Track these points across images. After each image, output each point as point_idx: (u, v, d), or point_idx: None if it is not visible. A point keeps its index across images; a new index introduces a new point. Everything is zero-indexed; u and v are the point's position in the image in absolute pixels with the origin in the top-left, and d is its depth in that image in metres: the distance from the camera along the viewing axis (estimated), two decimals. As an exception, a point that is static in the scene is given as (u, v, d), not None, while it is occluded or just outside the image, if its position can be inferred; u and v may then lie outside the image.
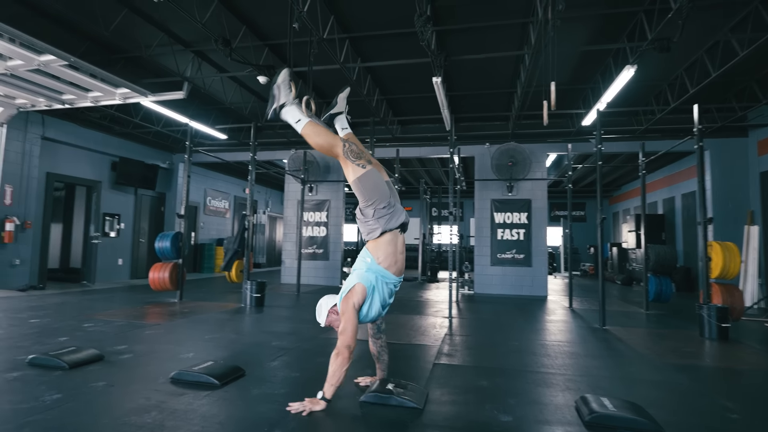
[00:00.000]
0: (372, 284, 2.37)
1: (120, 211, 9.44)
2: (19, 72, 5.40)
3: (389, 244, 2.39)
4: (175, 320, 4.88)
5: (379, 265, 2.38)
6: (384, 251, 2.38)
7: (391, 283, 2.43)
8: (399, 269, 2.45)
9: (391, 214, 2.39)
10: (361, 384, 2.75)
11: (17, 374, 2.74)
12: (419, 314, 5.75)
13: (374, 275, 2.38)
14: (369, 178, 2.38)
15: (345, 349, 2.29)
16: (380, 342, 2.73)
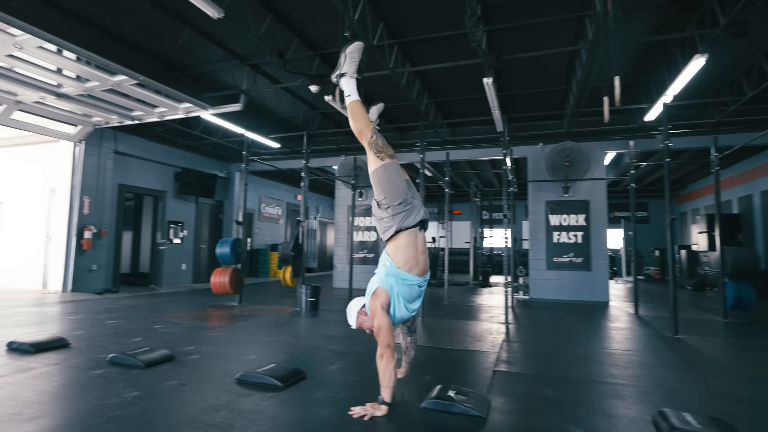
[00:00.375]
0: (392, 288, 2.35)
1: (183, 219, 9.99)
2: (95, 92, 5.87)
3: (408, 246, 2.33)
4: (236, 323, 5.08)
5: (399, 268, 2.34)
6: (403, 255, 2.33)
7: (414, 284, 2.39)
8: (421, 270, 2.40)
9: (408, 212, 2.32)
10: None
11: (100, 371, 2.95)
12: (473, 320, 5.63)
13: (394, 279, 2.35)
14: (388, 171, 2.34)
15: (386, 349, 2.28)
16: (410, 339, 2.77)
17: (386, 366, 2.27)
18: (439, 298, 7.93)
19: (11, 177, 8.50)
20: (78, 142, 7.63)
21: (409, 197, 2.36)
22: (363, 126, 2.47)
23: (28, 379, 2.77)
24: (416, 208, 2.37)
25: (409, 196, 2.37)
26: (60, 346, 3.59)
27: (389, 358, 2.26)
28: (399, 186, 2.34)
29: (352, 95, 2.52)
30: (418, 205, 2.40)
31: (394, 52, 5.71)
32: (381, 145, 2.40)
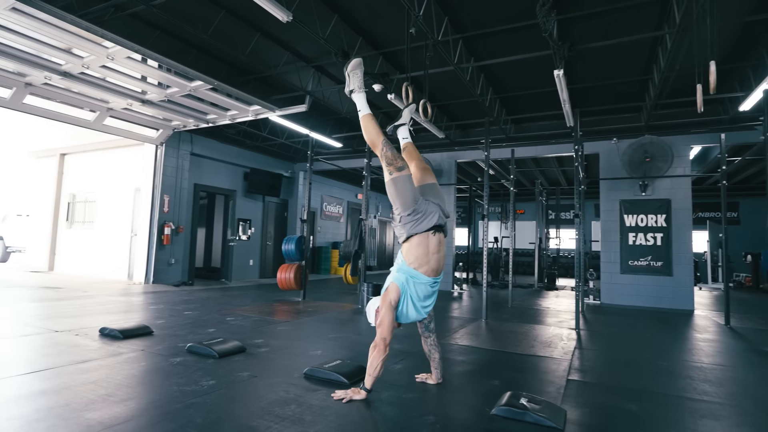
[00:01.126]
0: (403, 284, 2.50)
1: (251, 217, 10.47)
2: (175, 98, 6.28)
3: (419, 246, 2.48)
4: (301, 318, 5.21)
5: (410, 266, 2.50)
6: (414, 254, 2.48)
7: (425, 284, 2.51)
8: (432, 269, 2.51)
9: (418, 219, 2.47)
10: (418, 380, 2.88)
11: (179, 359, 3.13)
12: (540, 324, 5.37)
13: (404, 276, 2.51)
14: (395, 184, 2.46)
15: (381, 341, 2.44)
16: (430, 340, 2.82)
17: (377, 356, 2.43)
18: (502, 300, 7.67)
19: (103, 178, 9.36)
20: (159, 145, 8.23)
21: (419, 206, 2.49)
22: (374, 138, 2.55)
23: (117, 363, 3.00)
24: (429, 215, 2.49)
25: (419, 204, 2.49)
26: (144, 334, 3.87)
27: (381, 350, 2.43)
28: (407, 197, 2.47)
29: (363, 109, 2.62)
30: (432, 211, 2.51)
31: (459, 47, 5.58)
32: (390, 157, 2.48)
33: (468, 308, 6.76)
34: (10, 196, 15.78)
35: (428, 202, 2.54)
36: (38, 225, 10.50)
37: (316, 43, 5.79)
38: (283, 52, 6.18)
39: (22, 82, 5.69)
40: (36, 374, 2.70)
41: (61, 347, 3.38)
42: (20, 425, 1.98)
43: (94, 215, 9.43)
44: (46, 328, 4.03)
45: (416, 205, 2.48)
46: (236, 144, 9.84)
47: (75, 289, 6.90)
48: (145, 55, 4.83)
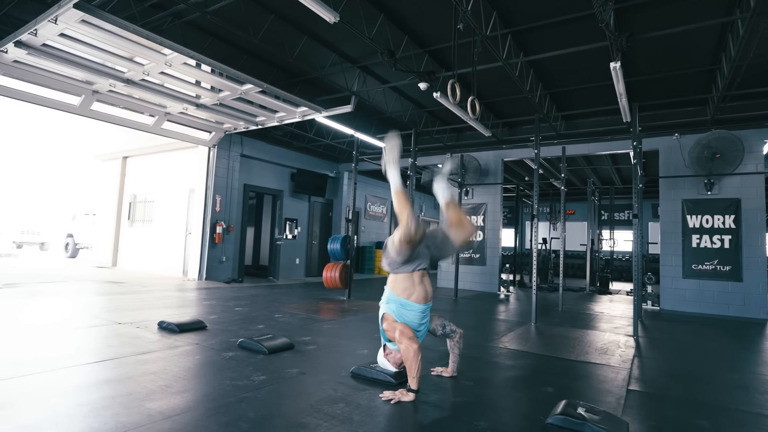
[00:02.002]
0: (394, 312, 2.61)
1: (297, 216, 10.70)
2: (227, 101, 6.50)
3: (405, 279, 2.63)
4: (347, 317, 5.24)
5: (398, 296, 2.62)
6: (401, 286, 2.62)
7: (416, 311, 2.62)
8: (421, 297, 2.63)
9: (407, 265, 2.60)
10: (434, 373, 2.97)
11: (231, 354, 3.23)
12: (594, 329, 5.11)
13: (395, 305, 2.62)
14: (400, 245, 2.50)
15: (410, 342, 2.49)
16: (454, 338, 2.93)
17: (412, 358, 2.46)
18: (552, 303, 7.39)
19: (160, 179, 9.88)
20: (212, 147, 8.57)
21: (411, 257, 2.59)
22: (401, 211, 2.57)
23: (174, 356, 3.13)
24: (415, 263, 2.61)
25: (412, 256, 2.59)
26: (199, 328, 4.02)
27: (415, 350, 2.47)
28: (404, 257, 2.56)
29: (395, 186, 2.69)
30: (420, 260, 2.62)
31: (508, 41, 5.42)
32: (411, 234, 2.48)
33: (516, 311, 6.55)
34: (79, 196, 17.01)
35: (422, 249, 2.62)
36: (103, 223, 11.25)
37: (362, 43, 5.82)
38: (329, 53, 6.26)
39: (89, 90, 6.10)
40: (102, 363, 2.86)
41: (124, 338, 3.58)
42: (89, 411, 2.09)
43: (152, 214, 9.98)
44: (111, 320, 4.29)
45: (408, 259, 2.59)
46: (283, 145, 10.09)
47: (135, 284, 7.31)
48: (200, 61, 5.03)
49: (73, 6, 3.91)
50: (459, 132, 9.94)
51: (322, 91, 7.63)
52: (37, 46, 4.88)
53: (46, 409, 2.10)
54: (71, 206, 16.34)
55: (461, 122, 8.92)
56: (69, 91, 6.08)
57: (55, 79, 5.77)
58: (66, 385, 2.45)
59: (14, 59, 5.21)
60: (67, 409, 2.12)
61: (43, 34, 4.55)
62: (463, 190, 9.13)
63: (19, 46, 4.79)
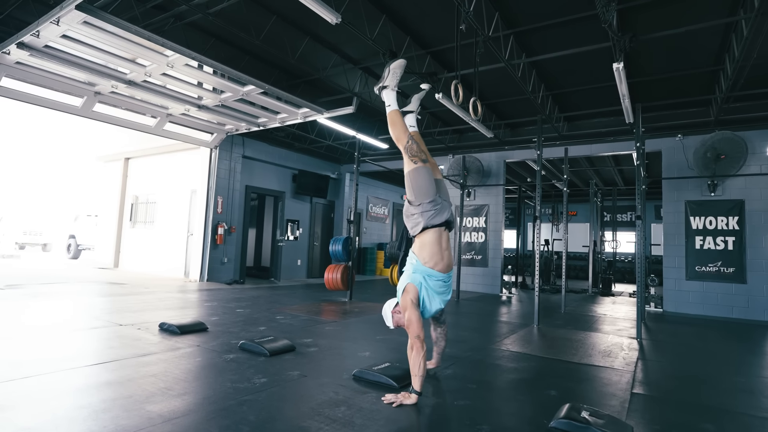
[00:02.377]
0: (421, 283, 2.55)
1: (299, 218, 10.69)
2: (228, 102, 6.50)
3: (433, 243, 2.56)
4: (348, 319, 5.23)
5: (425, 265, 2.57)
6: (429, 251, 2.56)
7: (440, 280, 2.59)
8: (445, 265, 2.61)
9: (437, 211, 2.57)
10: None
11: (232, 356, 3.21)
12: (597, 331, 5.08)
13: (421, 275, 2.57)
14: (419, 174, 2.58)
15: (416, 340, 2.44)
16: (440, 330, 2.94)
17: (416, 356, 2.42)
18: (554, 305, 7.36)
19: (162, 180, 9.88)
20: (214, 148, 8.57)
21: (438, 198, 2.62)
22: (400, 133, 2.69)
23: (175, 358, 3.11)
24: (444, 209, 2.62)
25: (438, 197, 2.62)
26: (200, 330, 4.01)
27: (419, 348, 2.42)
28: (429, 187, 2.58)
29: (392, 105, 2.76)
30: (446, 206, 2.65)
31: (510, 42, 5.41)
32: (415, 150, 2.64)
33: (518, 313, 6.53)
34: (81, 197, 17.03)
35: (442, 199, 2.67)
36: (105, 225, 11.26)
37: (364, 44, 5.81)
38: (331, 54, 6.25)
39: (92, 91, 6.10)
40: (102, 365, 2.85)
41: (125, 340, 3.57)
42: (88, 414, 2.08)
43: (154, 216, 9.98)
44: (112, 321, 4.28)
45: (436, 196, 2.60)
46: (285, 146, 10.09)
47: (137, 285, 7.31)
48: (202, 62, 5.03)
49: (75, 7, 3.91)
50: (461, 133, 9.92)
51: (323, 93, 7.63)
52: (39, 47, 4.88)
53: (46, 411, 2.09)
54: (73, 207, 16.35)
55: (463, 123, 8.90)
56: (71, 92, 6.09)
57: (57, 81, 5.77)
58: (66, 387, 2.44)
59: (17, 60, 5.22)
60: (67, 411, 2.11)
61: (45, 35, 4.56)
62: (465, 192, 9.10)
63: (22, 47, 4.80)
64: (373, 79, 7.08)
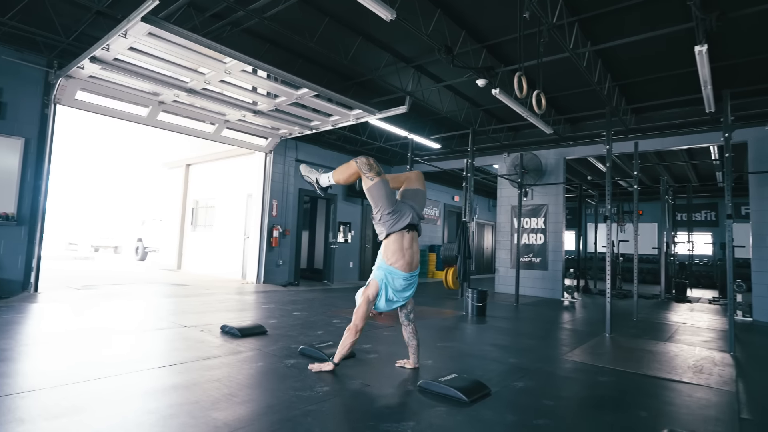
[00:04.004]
0: (382, 279, 2.89)
1: (350, 220, 10.70)
2: (282, 106, 6.56)
3: (394, 243, 2.87)
4: (405, 323, 5.07)
5: (387, 263, 2.88)
6: (391, 250, 2.87)
7: (401, 278, 2.88)
8: (407, 263, 2.88)
9: (395, 219, 2.86)
10: (398, 365, 3.18)
11: (293, 361, 3.15)
12: (678, 342, 4.61)
13: (383, 272, 2.90)
14: (376, 188, 2.86)
15: (353, 326, 2.87)
16: (409, 329, 3.09)
17: (348, 338, 2.87)
18: (624, 312, 6.83)
19: (220, 185, 10.23)
20: (268, 153, 8.74)
21: (397, 207, 2.89)
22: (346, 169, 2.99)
23: (238, 362, 3.10)
24: (404, 215, 2.88)
25: (397, 205, 2.89)
26: (259, 333, 4.01)
27: (352, 333, 2.87)
28: (387, 199, 2.86)
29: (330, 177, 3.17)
30: (406, 212, 2.90)
31: (574, 30, 5.05)
32: (367, 164, 2.87)
33: (584, 320, 6.10)
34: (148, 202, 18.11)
35: (404, 204, 2.94)
36: (169, 228, 11.83)
37: (417, 41, 5.67)
38: (384, 53, 6.15)
39: (156, 101, 6.37)
40: (169, 368, 2.88)
41: (189, 342, 3.62)
42: (156, 420, 2.06)
43: (213, 219, 10.35)
44: (176, 323, 4.39)
45: (395, 206, 2.88)
46: (336, 149, 10.13)
47: (198, 287, 7.56)
48: (258, 67, 5.08)
49: (141, 19, 4.04)
50: (516, 130, 9.52)
51: (375, 94, 7.55)
52: (109, 60, 5.13)
53: (117, 415, 2.10)
54: (141, 212, 17.42)
55: (519, 120, 8.52)
56: (138, 102, 6.39)
57: (125, 92, 6.07)
58: (136, 389, 2.46)
59: (90, 75, 5.53)
60: (136, 416, 2.11)
61: (115, 48, 4.77)
62: (523, 191, 8.69)
63: (94, 61, 5.06)
64: (426, 77, 6.91)
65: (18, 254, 5.60)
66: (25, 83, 5.70)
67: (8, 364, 2.80)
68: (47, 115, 5.89)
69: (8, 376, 2.57)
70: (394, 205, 2.87)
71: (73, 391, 2.37)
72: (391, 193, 2.89)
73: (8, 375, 2.59)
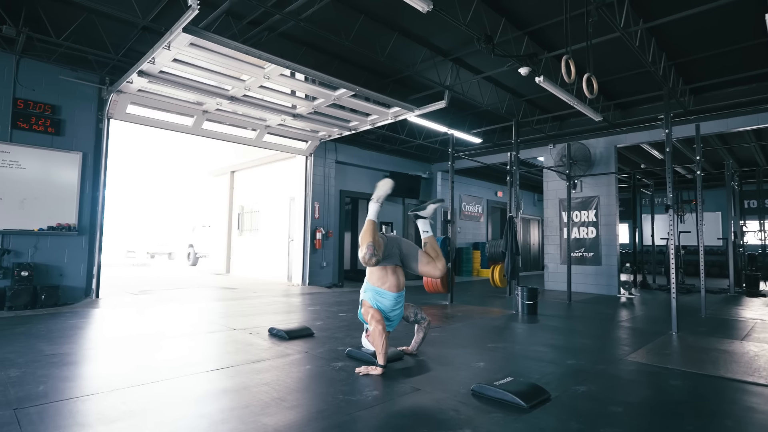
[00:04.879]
0: (371, 299, 3.10)
1: (392, 220, 10.63)
2: (321, 108, 6.58)
3: (379, 270, 3.10)
4: (453, 324, 4.93)
5: (374, 285, 3.11)
6: (375, 275, 3.12)
7: (389, 297, 3.09)
8: (393, 285, 3.10)
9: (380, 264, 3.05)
10: (399, 349, 3.36)
11: (341, 364, 3.10)
12: (752, 340, 4.19)
13: (370, 293, 3.12)
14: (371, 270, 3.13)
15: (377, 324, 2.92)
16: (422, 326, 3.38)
17: (377, 338, 2.90)
18: (690, 308, 6.34)
19: (264, 190, 10.45)
20: (309, 156, 8.82)
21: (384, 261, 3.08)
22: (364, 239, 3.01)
23: (286, 365, 3.08)
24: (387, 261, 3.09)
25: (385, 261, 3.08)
26: (306, 335, 4.00)
27: (379, 331, 2.89)
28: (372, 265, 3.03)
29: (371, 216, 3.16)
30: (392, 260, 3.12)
31: (625, 8, 4.72)
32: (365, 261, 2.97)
33: (645, 317, 5.70)
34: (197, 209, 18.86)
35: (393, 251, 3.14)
36: (217, 234, 12.23)
37: (455, 33, 5.51)
38: (420, 48, 6.03)
39: (200, 110, 6.56)
40: (220, 371, 2.90)
41: (239, 345, 3.65)
42: (208, 425, 2.05)
43: (258, 223, 10.59)
44: (226, 326, 4.46)
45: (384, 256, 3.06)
46: (376, 149, 10.09)
47: (246, 290, 7.73)
48: (296, 70, 5.11)
49: (182, 30, 4.14)
50: (562, 120, 9.11)
51: (413, 90, 7.44)
52: (155, 73, 5.32)
53: (170, 419, 2.11)
54: (191, 219, 18.17)
55: (564, 109, 8.13)
56: (183, 112, 6.60)
57: (171, 103, 6.28)
58: (188, 393, 2.48)
59: (138, 88, 5.76)
60: (189, 420, 2.11)
61: (160, 61, 4.93)
62: (571, 183, 8.28)
63: (141, 75, 5.26)
64: (464, 70, 6.72)
65: (80, 262, 5.92)
66: (80, 100, 6.02)
67: (71, 368, 2.92)
68: (101, 129, 6.19)
69: (70, 380, 2.67)
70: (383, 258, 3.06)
71: (130, 395, 2.42)
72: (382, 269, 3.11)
73: (70, 379, 2.69)
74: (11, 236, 5.41)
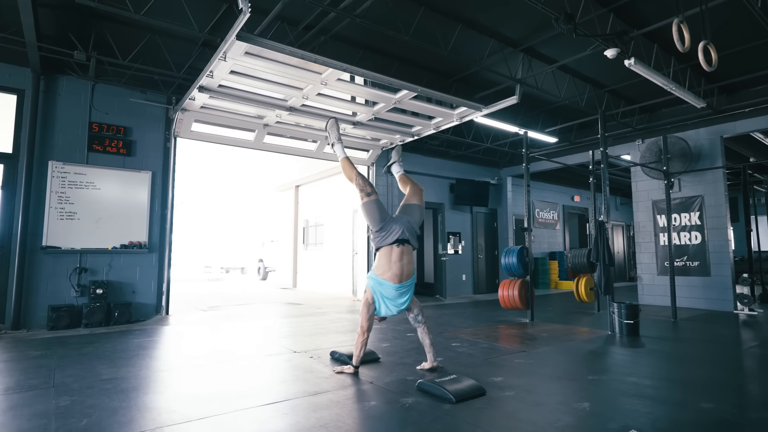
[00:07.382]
0: (373, 287, 3.15)
1: (460, 230, 10.02)
2: (381, 114, 6.23)
3: (383, 257, 3.15)
4: (539, 347, 4.27)
5: (375, 274, 3.14)
6: (379, 263, 3.15)
7: (390, 288, 3.09)
8: (394, 275, 3.10)
9: (383, 236, 3.16)
10: (418, 369, 3.27)
11: (411, 400, 2.63)
12: None
13: (372, 281, 3.16)
14: (366, 207, 3.24)
15: (360, 329, 3.15)
16: (420, 328, 3.30)
17: (358, 340, 3.14)
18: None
19: (327, 203, 10.33)
20: (371, 165, 8.53)
21: (386, 224, 3.16)
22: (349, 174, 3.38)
23: (347, 399, 2.67)
24: (392, 232, 3.14)
25: (386, 223, 3.16)
26: (372, 360, 3.58)
27: (359, 335, 3.13)
28: (375, 218, 3.18)
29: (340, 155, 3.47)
30: (395, 228, 3.15)
31: (742, -36, 3.89)
32: (361, 185, 3.29)
33: (783, 340, 4.64)
34: (265, 225, 19.44)
35: (395, 220, 3.19)
36: (283, 248, 12.33)
37: (526, 18, 4.95)
38: (487, 40, 5.50)
39: (261, 124, 6.48)
40: (274, 406, 2.54)
41: (297, 372, 3.31)
42: (252, 485, 1.67)
43: (323, 237, 10.47)
44: (287, 348, 4.17)
45: (383, 224, 3.16)
46: (440, 156, 9.60)
47: (311, 306, 7.52)
48: (354, 73, 4.80)
49: (236, 37, 3.97)
50: (650, 111, 8.06)
51: (479, 89, 6.90)
52: (214, 88, 5.26)
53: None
54: (261, 234, 18.74)
55: (654, 97, 7.13)
56: (245, 127, 6.57)
57: (233, 118, 6.26)
58: (236, 436, 2.14)
59: (201, 105, 5.77)
60: (232, 476, 1.74)
61: (218, 74, 4.84)
62: (668, 183, 7.21)
63: (202, 90, 5.22)
64: (537, 61, 6.08)
65: (151, 279, 6.00)
66: (149, 121, 6.17)
67: (122, 396, 2.71)
68: (169, 148, 6.30)
69: (116, 412, 2.44)
70: (382, 223, 3.16)
71: (172, 435, 2.12)
72: (379, 213, 3.19)
73: (116, 411, 2.46)
74: (88, 255, 5.59)
